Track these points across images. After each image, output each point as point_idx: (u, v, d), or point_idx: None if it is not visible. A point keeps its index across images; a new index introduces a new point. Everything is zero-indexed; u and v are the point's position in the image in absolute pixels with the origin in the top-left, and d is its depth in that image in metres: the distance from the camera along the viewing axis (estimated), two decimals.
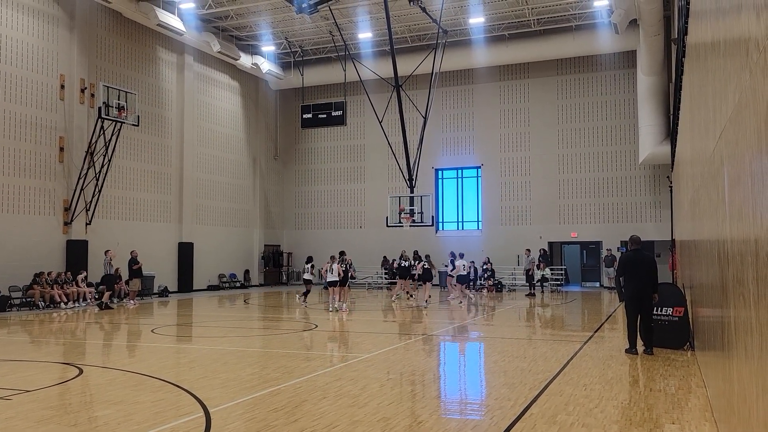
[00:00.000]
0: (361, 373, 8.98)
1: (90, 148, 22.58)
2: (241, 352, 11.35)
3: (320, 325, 15.46)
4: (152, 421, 6.40)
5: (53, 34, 22.41)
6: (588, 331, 14.04)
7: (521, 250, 28.95)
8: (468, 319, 17.35)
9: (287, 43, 31.08)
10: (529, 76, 31.27)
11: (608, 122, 29.99)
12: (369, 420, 6.38)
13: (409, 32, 29.97)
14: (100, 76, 23.69)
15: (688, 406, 6.98)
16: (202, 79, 29.75)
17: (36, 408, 7.09)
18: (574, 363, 9.69)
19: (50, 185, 21.99)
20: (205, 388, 7.96)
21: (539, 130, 31.03)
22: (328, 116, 28.94)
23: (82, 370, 9.42)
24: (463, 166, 32.78)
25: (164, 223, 27.08)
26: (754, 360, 3.17)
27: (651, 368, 9.23)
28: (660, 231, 27.80)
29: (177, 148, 27.95)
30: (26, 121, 21.25)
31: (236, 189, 31.94)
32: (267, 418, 6.51)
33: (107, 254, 20.40)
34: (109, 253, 20.45)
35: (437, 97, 30.47)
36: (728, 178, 4.04)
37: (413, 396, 7.80)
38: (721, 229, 4.65)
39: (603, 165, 29.99)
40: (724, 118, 4.10)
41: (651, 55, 24.85)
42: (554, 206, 30.65)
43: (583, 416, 6.49)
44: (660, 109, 25.93)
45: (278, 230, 35.21)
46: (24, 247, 20.51)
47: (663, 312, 10.91)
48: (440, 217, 33.06)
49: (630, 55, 28.84)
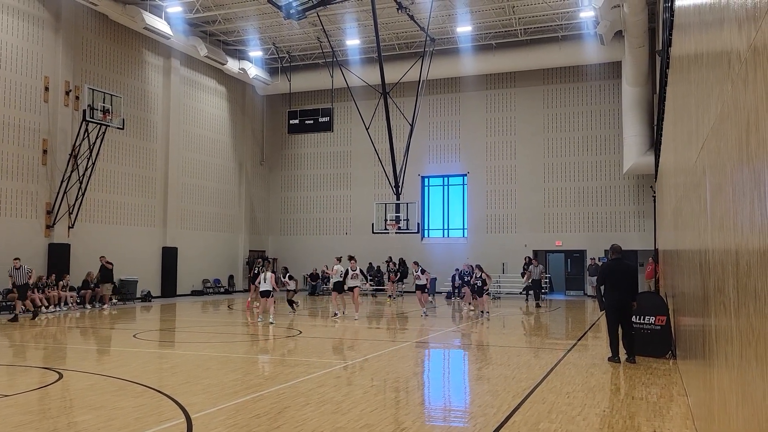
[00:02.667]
0: (345, 379, 8.95)
1: (74, 151, 22.36)
2: (224, 358, 11.26)
3: (304, 331, 15.40)
4: (133, 426, 6.33)
5: (38, 35, 22.20)
6: (571, 339, 14.10)
7: (506, 258, 29.08)
8: (453, 326, 17.36)
9: (275, 49, 31.06)
10: (516, 85, 31.49)
11: (593, 132, 30.25)
12: (352, 427, 6.35)
13: (397, 40, 30.08)
14: (86, 79, 23.49)
15: (669, 413, 7.03)
16: (189, 83, 29.61)
17: (14, 413, 6.98)
18: (558, 371, 9.73)
19: (33, 188, 21.73)
20: (186, 393, 7.89)
21: (525, 139, 31.22)
22: (315, 122, 28.98)
23: (62, 374, 9.29)
24: (449, 173, 32.88)
25: (148, 228, 26.85)
26: (734, 368, 3.20)
27: (633, 376, 9.28)
28: (643, 240, 28.06)
29: (162, 152, 27.75)
30: (9, 123, 21.00)
31: (222, 194, 31.77)
32: (249, 424, 6.46)
33: (15, 262, 18.22)
34: (16, 261, 18.27)
35: (424, 105, 30.59)
36: (710, 187, 4.09)
37: (397, 403, 7.78)
38: (703, 239, 4.70)
39: (588, 174, 30.22)
40: (707, 129, 4.15)
41: (636, 66, 25.15)
42: (539, 215, 30.82)
43: (565, 424, 6.52)
44: (644, 120, 26.21)
45: (263, 236, 35.06)
46: (5, 250, 20.21)
47: (645, 321, 10.99)
48: (426, 224, 33.11)
49: (615, 65, 29.15)
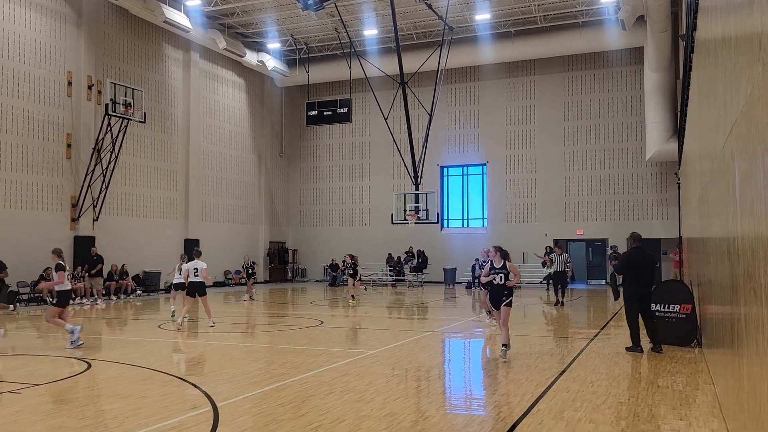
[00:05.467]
0: (367, 368, 8.99)
1: (97, 145, 22.64)
2: (247, 348, 11.38)
3: (325, 321, 15.49)
4: (160, 414, 6.43)
5: (61, 31, 22.45)
6: (594, 328, 14.01)
7: (527, 248, 28.86)
8: (473, 316, 17.33)
9: (293, 40, 31.07)
10: (535, 73, 31.18)
11: (615, 119, 29.88)
12: (376, 415, 6.39)
13: (415, 29, 29.91)
14: (107, 73, 23.75)
15: (695, 402, 6.97)
16: (208, 76, 29.78)
17: (45, 401, 7.14)
18: (581, 360, 9.68)
19: (58, 181, 22.06)
20: (212, 382, 7.99)
21: (545, 128, 30.94)
22: (333, 113, 28.98)
23: (90, 364, 9.47)
24: (468, 163, 32.72)
25: (170, 220, 27.15)
26: (765, 356, 3.15)
27: (658, 365, 9.21)
28: (667, 228, 27.72)
29: (183, 145, 28.00)
30: (34, 117, 21.31)
31: (242, 186, 31.97)
32: (274, 413, 6.53)
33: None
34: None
35: (443, 95, 30.43)
36: (739, 172, 4.02)
37: (419, 392, 7.81)
38: (731, 225, 4.63)
39: (609, 162, 29.89)
40: (735, 113, 4.07)
41: (658, 52, 24.75)
42: (560, 203, 30.57)
43: (590, 412, 6.49)
44: (667, 106, 25.82)
45: (283, 227, 35.25)
46: (32, 243, 20.59)
47: (670, 309, 10.88)
48: (445, 214, 33.03)
49: (637, 51, 28.71)
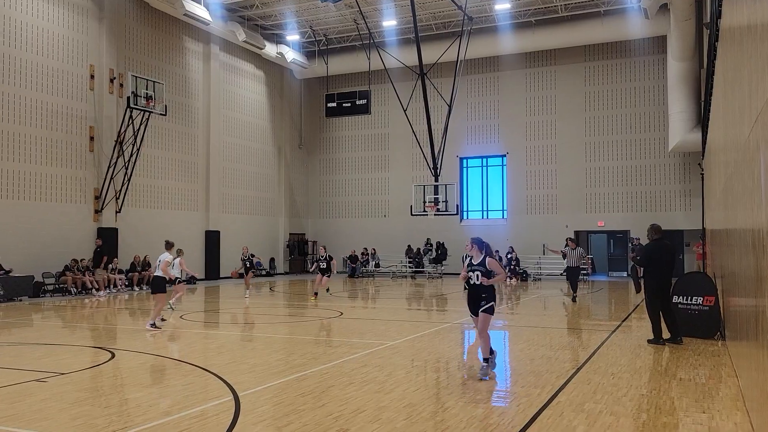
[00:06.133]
0: (387, 360, 9.02)
1: (119, 138, 22.91)
2: (267, 339, 11.48)
3: (345, 312, 15.56)
4: (183, 403, 6.52)
5: (83, 24, 22.71)
6: (615, 320, 13.90)
7: (547, 239, 28.65)
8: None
9: (312, 32, 31.08)
10: (556, 63, 30.85)
11: (637, 109, 29.49)
12: (395, 406, 6.41)
13: (434, 19, 29.74)
14: (129, 66, 23.99)
15: (718, 395, 6.89)
16: (228, 68, 29.93)
17: (70, 390, 7.27)
18: (602, 352, 9.61)
19: (81, 174, 22.38)
20: (233, 372, 8.08)
21: (566, 118, 30.64)
22: (352, 105, 28.94)
23: (114, 354, 9.62)
24: (488, 154, 32.55)
25: (191, 212, 27.42)
26: None
27: (680, 358, 9.11)
28: (690, 220, 27.36)
29: (203, 138, 28.22)
30: (57, 111, 21.62)
31: (261, 178, 32.16)
32: (295, 402, 6.59)
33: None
34: None
35: (462, 85, 30.25)
36: (765, 163, 3.95)
37: (438, 383, 7.82)
38: (756, 216, 4.56)
39: (631, 153, 29.53)
40: (761, 102, 4.00)
41: (682, 40, 24.32)
42: (581, 195, 30.31)
43: (611, 404, 6.45)
44: (691, 95, 25.40)
45: (303, 219, 35.41)
46: (57, 234, 20.94)
47: (693, 301, 10.75)
48: (465, 205, 32.92)
49: (660, 40, 28.26)
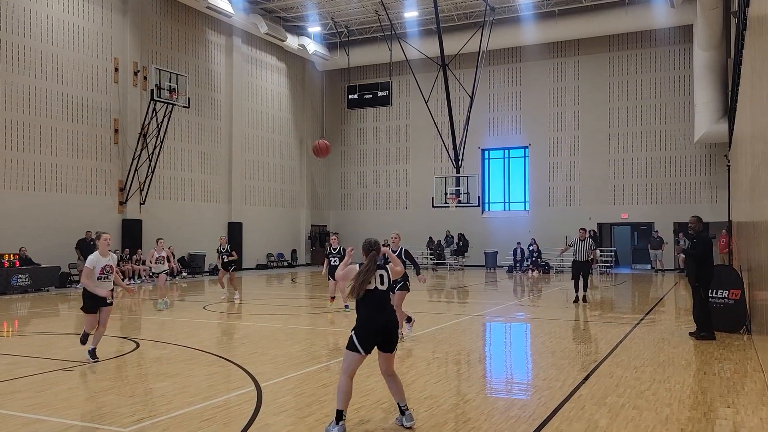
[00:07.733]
0: (408, 351, 9.04)
1: (143, 130, 23.18)
2: (289, 330, 11.57)
3: None
4: (206, 393, 6.61)
5: (107, 18, 22.97)
6: (639, 313, 13.76)
7: (570, 231, 28.36)
8: (514, 300, 17.23)
9: (333, 24, 31.06)
10: (580, 53, 30.46)
11: (662, 100, 29.02)
12: (416, 397, 6.43)
13: (456, 10, 29.53)
14: (152, 59, 24.23)
15: (744, 390, 6.79)
16: (250, 60, 30.07)
17: (97, 379, 7.41)
18: (625, 345, 9.53)
19: (106, 166, 22.70)
20: (255, 363, 8.16)
21: (589, 109, 30.27)
22: (373, 97, 28.85)
23: (138, 344, 9.78)
24: (510, 146, 32.31)
25: (214, 203, 27.69)
26: None
27: (705, 351, 8.99)
28: (715, 212, 26.89)
29: (226, 130, 28.43)
30: (82, 103, 21.93)
31: (283, 170, 32.31)
32: (316, 393, 6.64)
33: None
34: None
35: (484, 76, 30.02)
36: None
37: (459, 375, 7.82)
38: None
39: (656, 144, 29.09)
40: None
41: (708, 29, 23.85)
42: (604, 187, 29.96)
43: (634, 398, 6.40)
44: (717, 86, 24.91)
45: (325, 211, 35.53)
46: (82, 226, 21.26)
47: (719, 295, 10.59)
48: (486, 197, 32.76)
49: (686, 29, 27.74)
